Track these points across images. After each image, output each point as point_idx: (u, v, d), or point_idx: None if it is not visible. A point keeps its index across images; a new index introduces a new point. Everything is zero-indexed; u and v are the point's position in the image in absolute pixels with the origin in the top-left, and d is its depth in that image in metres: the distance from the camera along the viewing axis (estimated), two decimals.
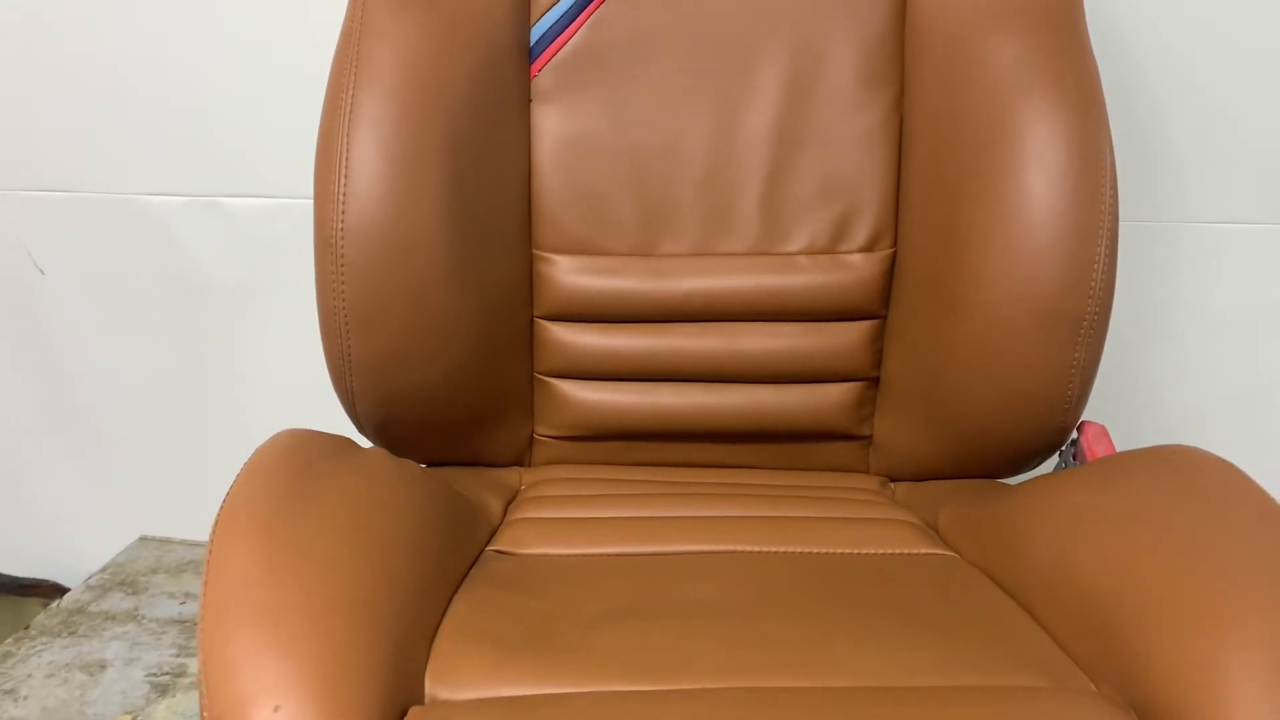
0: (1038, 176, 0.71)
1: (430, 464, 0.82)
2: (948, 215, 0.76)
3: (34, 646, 0.98)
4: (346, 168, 0.70)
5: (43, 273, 1.32)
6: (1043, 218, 0.70)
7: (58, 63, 1.23)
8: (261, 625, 0.46)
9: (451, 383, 0.77)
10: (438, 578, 0.59)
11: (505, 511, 0.77)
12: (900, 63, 0.80)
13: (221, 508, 0.53)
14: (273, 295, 1.29)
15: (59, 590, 1.34)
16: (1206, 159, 1.16)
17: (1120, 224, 0.77)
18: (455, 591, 0.60)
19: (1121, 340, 0.92)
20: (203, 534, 1.37)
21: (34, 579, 1.34)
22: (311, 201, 1.26)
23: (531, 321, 0.83)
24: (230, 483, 0.54)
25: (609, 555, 0.68)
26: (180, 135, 1.25)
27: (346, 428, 0.79)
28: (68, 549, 1.41)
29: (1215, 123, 1.14)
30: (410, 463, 0.68)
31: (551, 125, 0.81)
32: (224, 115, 1.24)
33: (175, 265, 1.30)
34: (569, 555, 0.68)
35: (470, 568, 0.65)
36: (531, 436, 0.86)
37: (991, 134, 0.73)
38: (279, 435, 0.60)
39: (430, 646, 0.54)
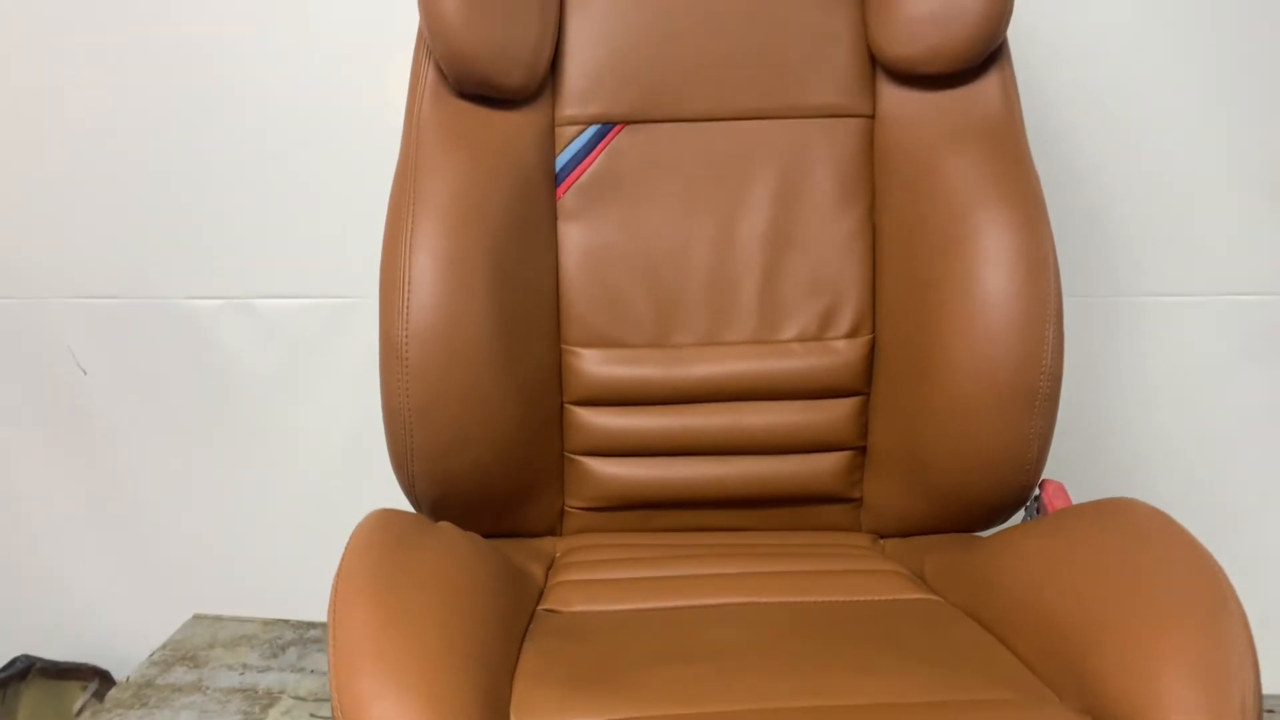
0: (992, 273, 0.84)
1: None
2: (917, 306, 0.89)
3: (110, 718, 1.06)
4: (409, 284, 0.83)
5: (85, 372, 1.42)
6: (998, 308, 0.84)
7: (100, 175, 1.35)
8: (383, 669, 0.57)
9: (497, 463, 0.88)
10: (509, 631, 0.70)
11: (547, 576, 0.88)
12: (871, 178, 0.95)
13: (337, 575, 0.64)
14: (303, 387, 1.40)
15: (97, 673, 1.41)
16: (1144, 236, 1.30)
17: (1069, 299, 0.91)
18: (522, 643, 0.71)
19: (1075, 405, 1.05)
20: (247, 609, 1.48)
21: (73, 663, 1.41)
22: (338, 300, 1.39)
23: (562, 406, 0.95)
24: (260, 560, 0.63)
25: (643, 610, 0.79)
26: (217, 242, 1.37)
27: (376, 503, 0.89)
28: (105, 633, 1.48)
29: (1151, 201, 1.29)
30: (475, 535, 0.79)
31: (576, 238, 0.94)
32: (257, 222, 1.36)
33: (212, 362, 1.40)
34: (609, 611, 0.80)
35: (529, 623, 0.76)
36: (563, 509, 0.97)
37: (951, 238, 0.87)
38: (372, 515, 0.71)
39: (511, 687, 0.64)
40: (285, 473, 1.41)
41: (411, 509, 0.89)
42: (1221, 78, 1.24)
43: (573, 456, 0.96)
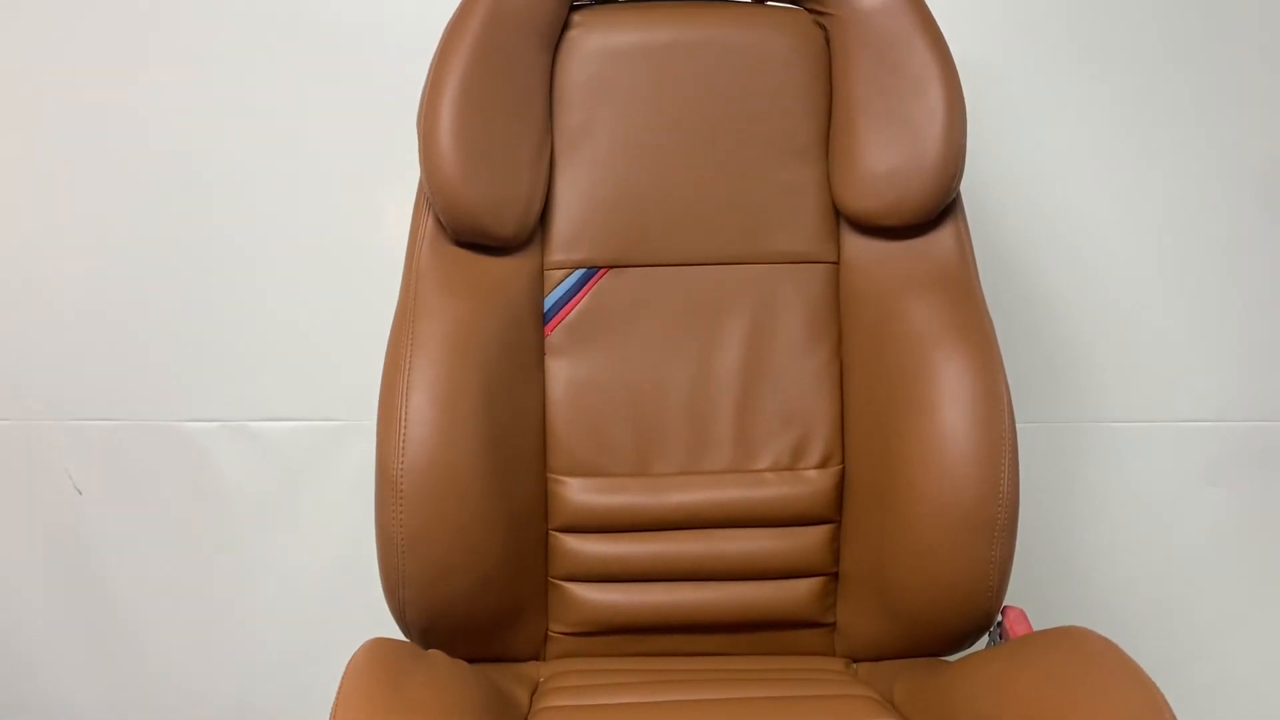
0: (950, 411, 0.90)
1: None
2: (882, 440, 0.95)
3: None
4: (406, 420, 0.88)
5: (80, 493, 1.45)
6: (956, 444, 0.90)
7: (98, 298, 1.40)
8: None
9: (484, 590, 0.92)
10: None
11: (530, 701, 0.91)
12: (837, 319, 1.02)
13: (335, 705, 0.67)
14: (296, 509, 1.44)
15: None
16: (1098, 363, 1.37)
17: (1027, 425, 0.97)
18: None
19: (1036, 530, 1.11)
20: None
21: None
22: (332, 423, 1.43)
23: (547, 533, 1.00)
24: (250, 678, 0.66)
25: None
26: (213, 365, 1.42)
27: (363, 622, 0.92)
28: None
29: (1105, 328, 1.36)
30: (463, 663, 0.83)
31: (563, 373, 1.00)
32: (254, 346, 1.41)
33: (207, 483, 1.44)
34: None
35: None
36: (546, 633, 1.01)
37: (912, 376, 0.93)
38: (367, 645, 0.75)
39: None
40: (278, 593, 1.43)
41: (400, 634, 0.93)
42: (1170, 210, 1.33)
43: (556, 582, 1.00)
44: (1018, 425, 0.93)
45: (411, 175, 1.00)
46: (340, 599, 1.41)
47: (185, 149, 1.36)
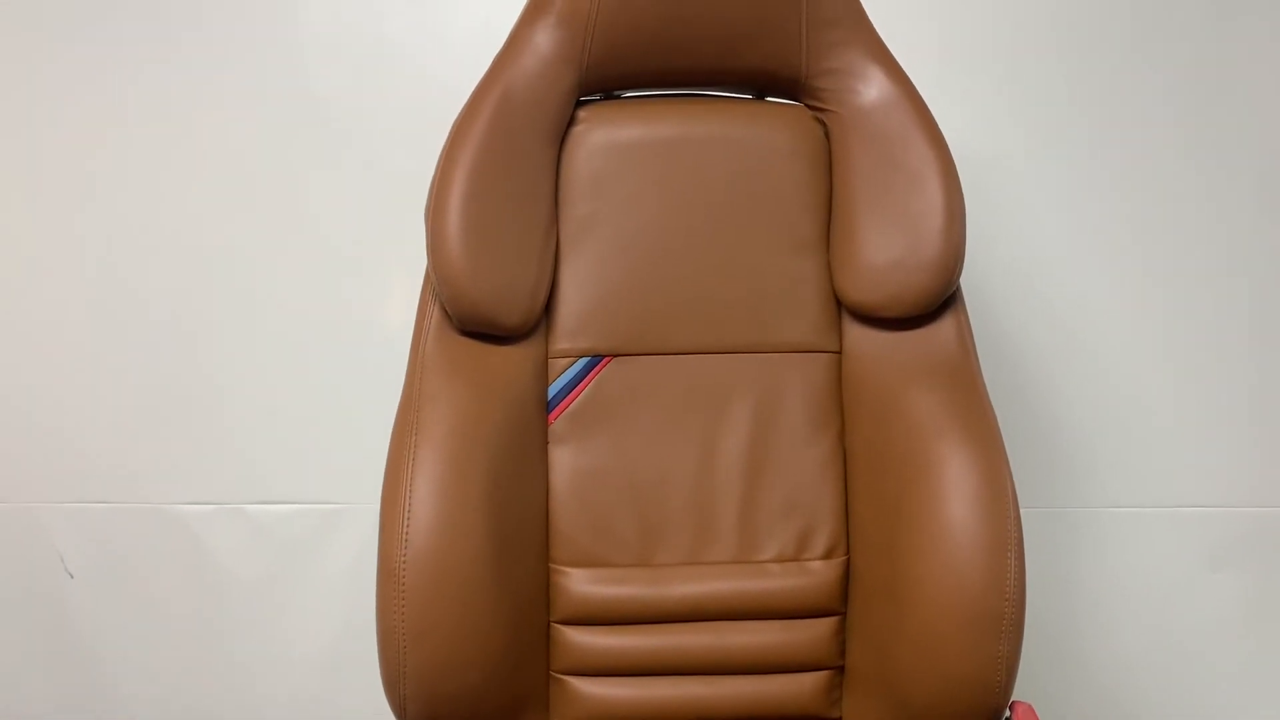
0: (955, 504, 0.90)
1: None
2: (887, 531, 0.95)
3: None
4: (409, 511, 0.87)
5: (71, 576, 1.43)
6: (962, 538, 0.89)
7: (94, 381, 1.40)
8: None
9: (486, 685, 0.90)
10: None
11: None
12: (840, 408, 1.02)
13: None
14: (292, 592, 1.42)
15: None
16: (1103, 449, 1.38)
17: (1032, 510, 0.96)
18: None
19: (1042, 617, 1.10)
20: None
21: None
22: (328, 506, 1.43)
23: (549, 626, 0.98)
24: None
25: None
26: (210, 447, 1.42)
27: (360, 713, 0.90)
28: None
29: (1109, 415, 1.37)
30: None
31: (566, 461, 1.00)
32: (250, 429, 1.41)
33: (202, 567, 1.43)
34: None
35: None
36: None
37: (916, 468, 0.93)
38: None
39: None
40: (273, 679, 1.41)
41: None
42: (1170, 296, 1.35)
43: (558, 676, 0.98)
44: (1020, 510, 0.93)
45: (414, 259, 1.01)
46: (337, 687, 1.38)
47: (187, 232, 1.38)
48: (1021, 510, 0.94)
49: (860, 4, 1.02)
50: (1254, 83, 1.33)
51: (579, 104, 1.03)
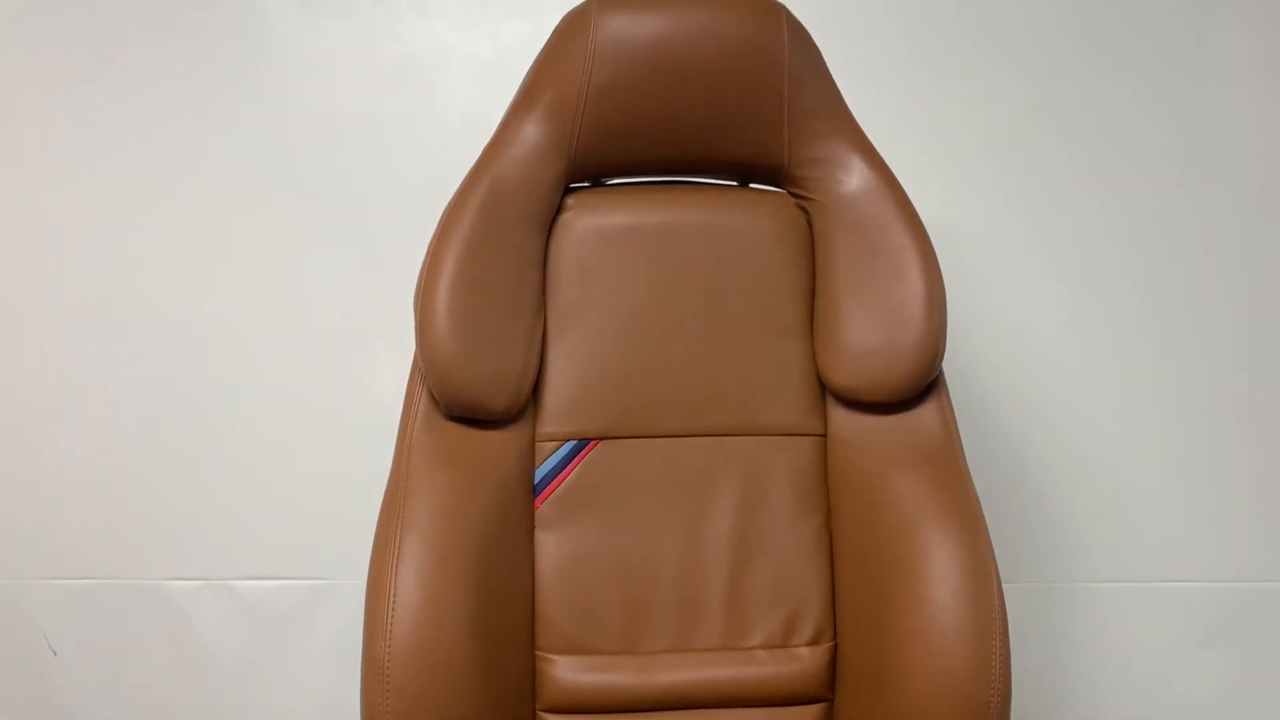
0: (940, 591, 0.90)
1: None
2: (874, 616, 0.95)
3: None
4: (394, 603, 0.87)
5: (55, 654, 1.42)
6: (948, 626, 0.89)
7: (80, 456, 1.40)
8: None
9: None
10: None
11: None
12: (826, 491, 1.03)
13: None
14: (274, 667, 1.41)
15: None
16: (1086, 523, 1.38)
17: (1017, 585, 0.96)
18: None
19: (1029, 693, 1.09)
20: None
21: None
22: (314, 581, 1.42)
23: (534, 714, 0.98)
24: None
25: None
26: (196, 523, 1.42)
27: None
28: None
29: (1093, 490, 1.38)
30: None
31: (552, 547, 1.00)
32: (236, 504, 1.41)
33: (187, 642, 1.41)
34: None
35: None
36: None
37: (901, 553, 0.94)
38: None
39: None
40: None
41: None
42: (1155, 370, 1.36)
43: None
44: (1006, 585, 0.93)
45: (403, 336, 1.02)
46: None
47: (177, 307, 1.39)
48: (1009, 585, 0.94)
49: (840, 95, 1.04)
50: (1235, 161, 1.36)
51: (567, 191, 1.05)
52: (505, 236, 0.99)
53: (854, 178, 1.02)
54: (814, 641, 1.00)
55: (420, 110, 1.37)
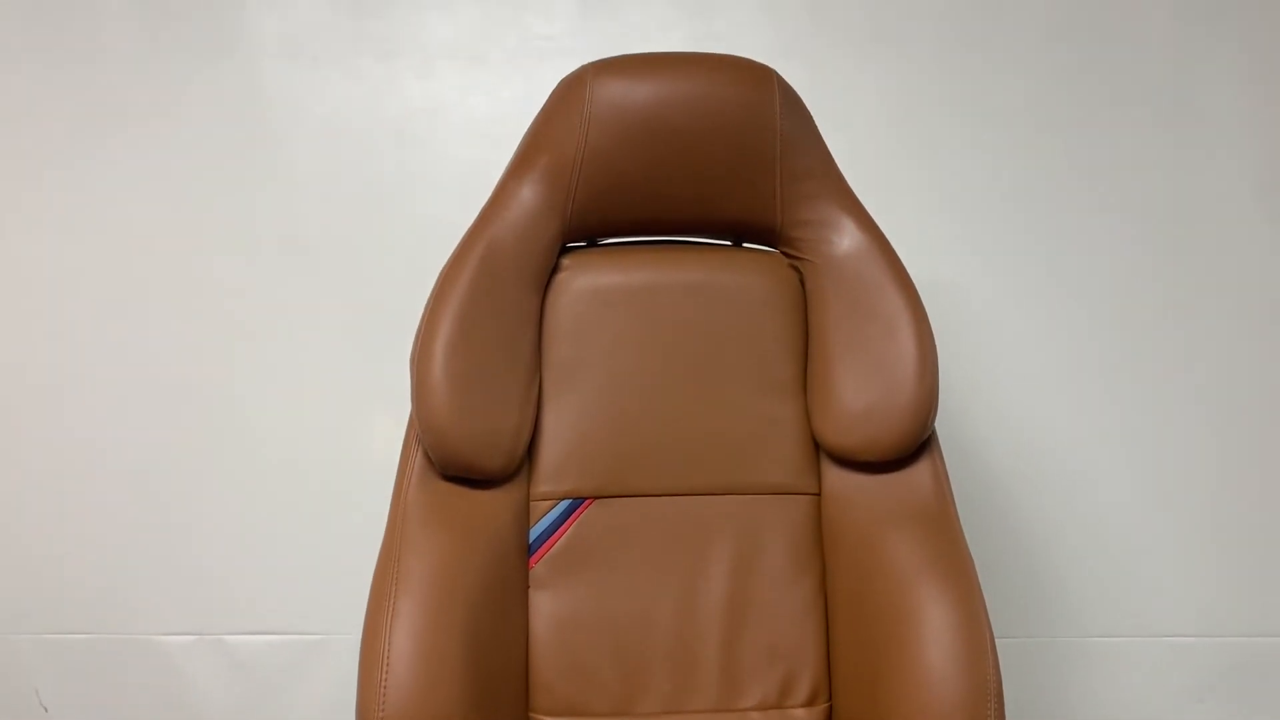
0: (935, 654, 0.90)
1: None
2: (869, 679, 0.95)
3: None
4: (388, 665, 0.87)
5: (46, 710, 1.41)
6: (942, 688, 0.89)
7: (74, 511, 1.40)
8: None
9: None
10: None
11: None
12: (820, 550, 1.03)
13: None
14: None
15: None
16: (1082, 578, 1.38)
17: (1011, 640, 0.95)
18: None
19: None
20: None
21: None
22: (308, 637, 1.41)
23: None
24: None
25: None
26: (190, 578, 1.41)
27: None
28: None
29: (1088, 544, 1.38)
30: None
31: (546, 607, 1.00)
32: (230, 559, 1.41)
33: (179, 698, 1.40)
34: None
35: None
36: None
37: (896, 614, 0.94)
38: None
39: None
40: None
41: None
42: (1147, 428, 1.37)
43: None
44: (999, 640, 0.93)
45: (399, 393, 1.02)
46: None
47: (172, 364, 1.39)
48: (1003, 640, 0.94)
49: (831, 157, 1.06)
50: (1222, 213, 1.38)
51: (562, 250, 1.06)
52: (501, 297, 1.00)
53: (845, 239, 1.04)
54: (810, 702, 0.99)
55: (419, 169, 1.39)
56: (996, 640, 0.92)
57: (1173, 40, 1.37)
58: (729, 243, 1.11)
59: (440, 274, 1.01)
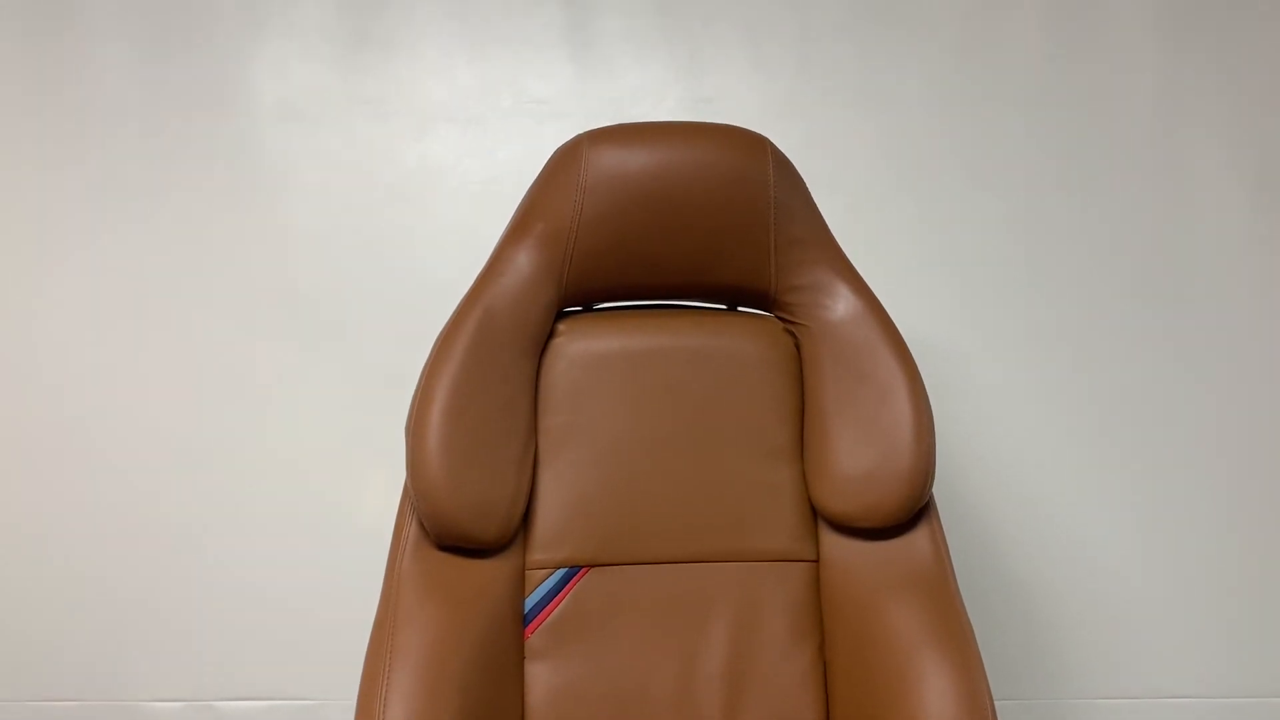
0: None
1: None
2: None
3: None
4: None
5: None
6: None
7: (61, 574, 1.39)
8: None
9: None
10: None
11: None
12: (819, 617, 1.02)
13: None
14: None
15: None
16: (1077, 640, 1.37)
17: (1008, 702, 0.94)
18: None
19: None
20: None
21: None
22: (300, 703, 1.39)
23: None
24: None
25: None
26: (179, 643, 1.39)
27: None
28: None
29: (1091, 607, 1.37)
30: None
31: (543, 678, 0.99)
32: (220, 624, 1.39)
33: None
34: None
35: None
36: None
37: (896, 683, 0.93)
38: None
39: None
40: None
41: None
42: (1146, 488, 1.37)
43: None
44: (998, 703, 0.92)
45: (393, 455, 1.02)
46: None
47: (164, 424, 1.39)
48: (1002, 703, 0.93)
49: (824, 223, 1.07)
50: (1208, 271, 1.39)
51: (559, 315, 1.07)
52: (497, 364, 1.00)
53: (840, 304, 1.04)
54: None
55: (415, 229, 1.40)
56: (997, 702, 0.91)
57: (1161, 92, 1.39)
58: (724, 307, 1.11)
59: (437, 340, 1.01)
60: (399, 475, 1.01)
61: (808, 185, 1.06)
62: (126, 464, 1.38)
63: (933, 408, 1.01)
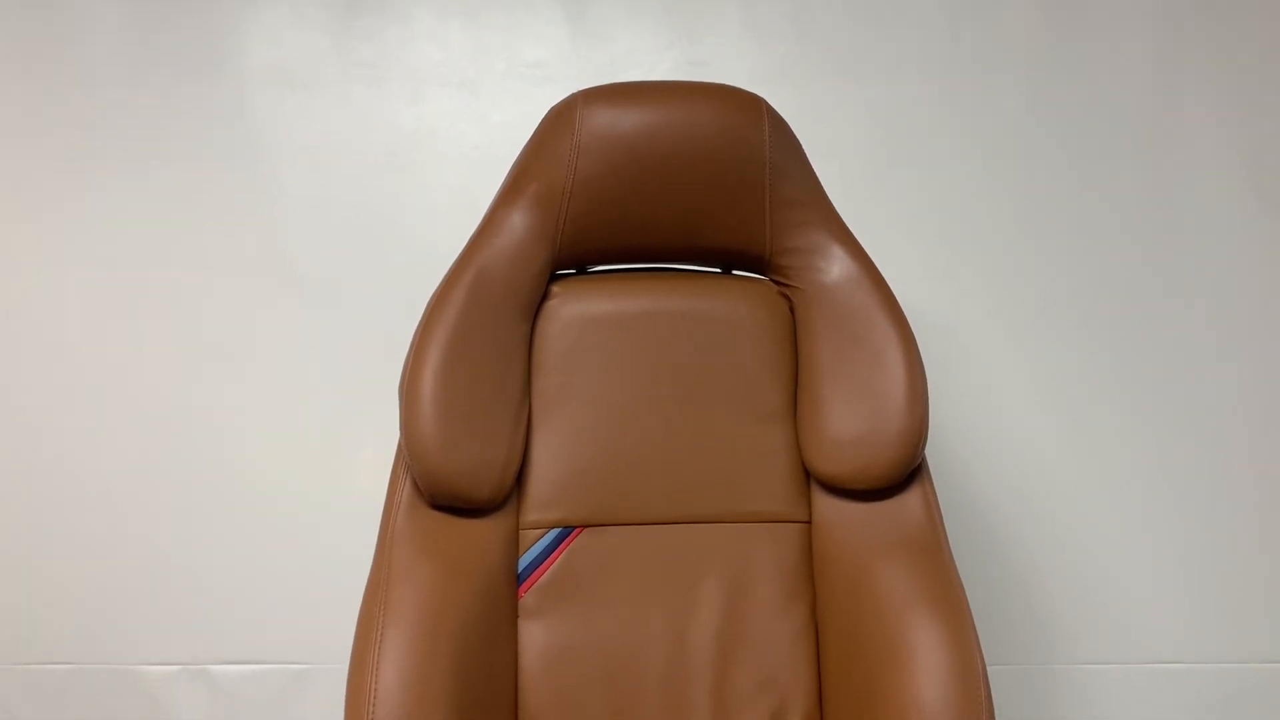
0: (926, 684, 0.90)
1: None
2: (861, 710, 0.94)
3: None
4: (375, 696, 0.86)
5: None
6: (935, 717, 0.88)
7: (52, 538, 1.38)
8: None
9: None
10: None
11: None
12: (811, 578, 1.02)
13: None
14: None
15: None
16: (1074, 606, 1.38)
17: (1003, 667, 0.94)
18: None
19: None
20: None
21: None
22: (294, 666, 1.40)
23: None
24: None
25: None
26: (173, 606, 1.39)
27: None
28: None
29: (1086, 572, 1.37)
30: None
31: (536, 637, 0.99)
32: (214, 587, 1.39)
33: None
34: None
35: None
36: None
37: (887, 645, 0.93)
38: None
39: None
40: None
41: None
42: (1138, 456, 1.37)
43: None
44: (990, 668, 0.92)
45: (386, 422, 1.02)
46: None
47: (157, 395, 1.39)
48: (994, 667, 0.94)
49: (820, 185, 1.06)
50: (1208, 250, 1.39)
51: (552, 278, 1.06)
52: (491, 325, 1.00)
53: (835, 266, 1.04)
54: None
55: (408, 194, 1.39)
56: (989, 667, 0.91)
57: (1157, 72, 1.38)
58: (718, 270, 1.11)
59: (429, 301, 1.00)
60: (393, 441, 1.01)
61: None
62: (119, 429, 1.38)
63: (927, 375, 1.01)
